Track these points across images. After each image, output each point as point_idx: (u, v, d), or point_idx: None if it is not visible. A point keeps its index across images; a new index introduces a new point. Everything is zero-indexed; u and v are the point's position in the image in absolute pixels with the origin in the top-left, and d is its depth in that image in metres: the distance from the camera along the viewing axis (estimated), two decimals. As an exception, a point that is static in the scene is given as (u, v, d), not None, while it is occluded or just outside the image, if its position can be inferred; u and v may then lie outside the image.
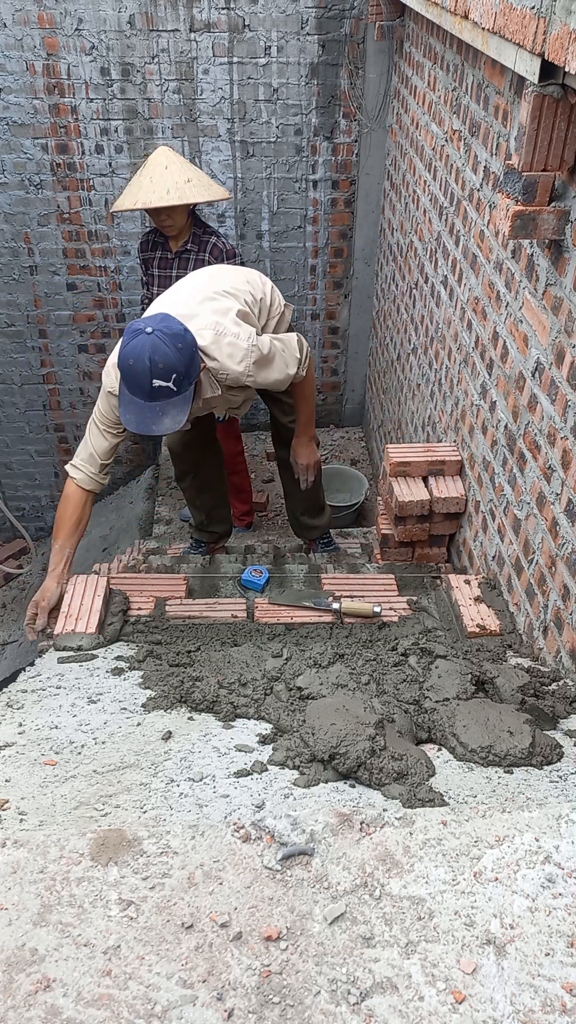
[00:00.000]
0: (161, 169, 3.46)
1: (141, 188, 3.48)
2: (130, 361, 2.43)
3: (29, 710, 2.06)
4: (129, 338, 2.46)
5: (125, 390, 2.50)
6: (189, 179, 3.47)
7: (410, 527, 3.18)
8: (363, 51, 4.53)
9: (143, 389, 2.45)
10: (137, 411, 2.50)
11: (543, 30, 1.74)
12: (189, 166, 3.58)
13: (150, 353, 2.41)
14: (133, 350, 2.43)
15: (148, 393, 2.45)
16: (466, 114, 3.02)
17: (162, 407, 2.49)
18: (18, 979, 1.04)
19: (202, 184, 3.52)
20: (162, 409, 2.49)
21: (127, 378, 2.46)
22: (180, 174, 3.46)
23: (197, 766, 1.73)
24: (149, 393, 2.45)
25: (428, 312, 3.76)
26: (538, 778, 1.67)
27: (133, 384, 2.46)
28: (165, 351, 2.42)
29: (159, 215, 3.51)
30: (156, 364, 2.41)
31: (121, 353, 2.47)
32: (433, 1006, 1.01)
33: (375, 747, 1.67)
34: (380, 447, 4.90)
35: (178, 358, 2.45)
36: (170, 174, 3.44)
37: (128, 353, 2.44)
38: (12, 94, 4.52)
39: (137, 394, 2.47)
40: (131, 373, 2.44)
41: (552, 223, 2.02)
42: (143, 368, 2.41)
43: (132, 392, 2.48)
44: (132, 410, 2.51)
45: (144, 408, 2.49)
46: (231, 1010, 1.00)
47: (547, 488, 2.25)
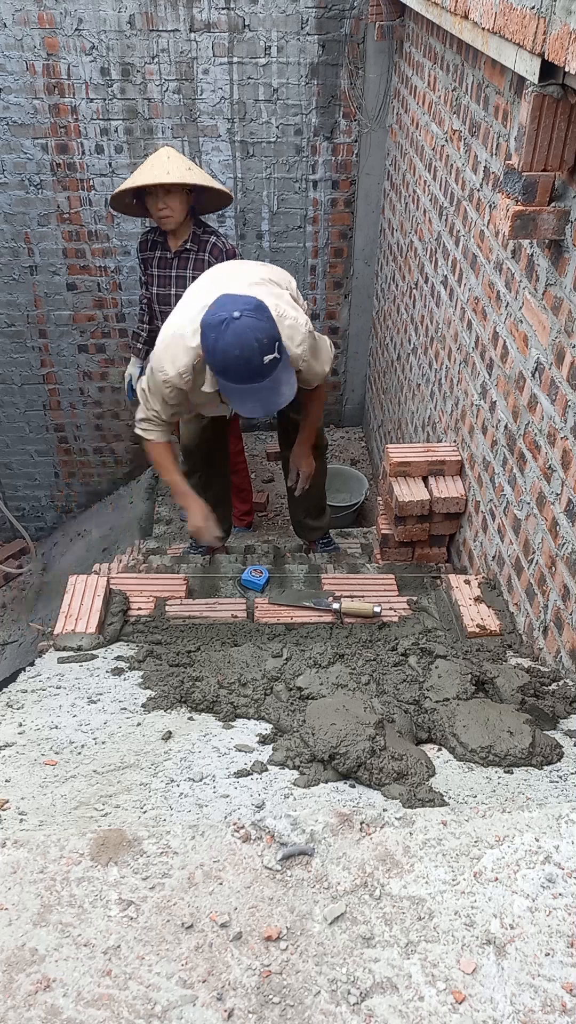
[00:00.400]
0: (163, 159, 3.48)
1: (140, 174, 3.49)
2: (235, 352, 2.36)
3: (29, 710, 2.06)
4: (218, 331, 2.38)
5: (234, 384, 2.44)
6: (190, 168, 3.49)
7: (410, 527, 3.18)
8: (363, 51, 4.53)
9: (256, 371, 2.39)
10: (255, 395, 2.46)
11: (543, 30, 1.74)
12: (191, 162, 3.60)
13: (254, 334, 2.35)
14: (236, 339, 2.35)
15: (262, 372, 2.40)
16: (466, 114, 3.02)
17: (275, 379, 2.45)
18: (18, 979, 1.04)
19: (203, 175, 3.53)
20: (275, 380, 2.46)
21: (237, 369, 2.39)
22: (182, 163, 3.48)
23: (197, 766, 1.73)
24: (262, 371, 2.40)
25: (428, 312, 3.76)
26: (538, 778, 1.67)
27: (245, 371, 2.39)
28: (262, 325, 2.38)
29: (157, 204, 3.50)
30: (262, 341, 2.37)
31: (219, 349, 2.38)
32: (433, 1006, 1.01)
33: (375, 747, 1.67)
34: (380, 447, 4.90)
35: (271, 326, 2.42)
36: (171, 162, 3.46)
37: (230, 344, 2.36)
38: (12, 94, 4.52)
39: (250, 380, 2.41)
40: (240, 362, 2.37)
41: (552, 223, 2.02)
42: (252, 351, 2.36)
43: (244, 381, 2.42)
44: (250, 398, 2.47)
45: (261, 390, 2.44)
46: (231, 1010, 1.00)
47: (547, 488, 2.25)
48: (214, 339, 2.39)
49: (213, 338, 2.40)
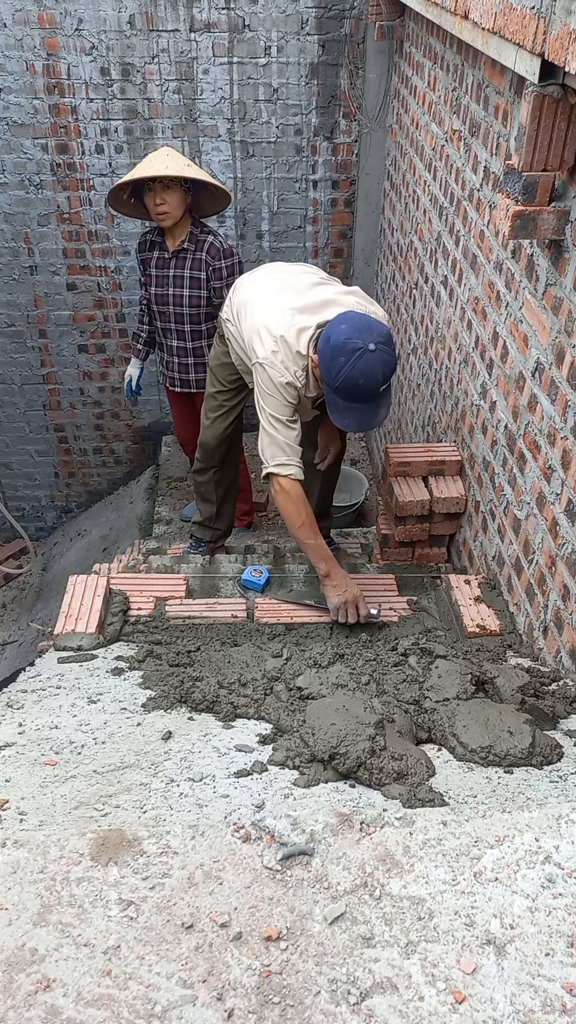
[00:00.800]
0: (163, 156, 3.49)
1: (139, 168, 3.49)
2: (360, 381, 2.41)
3: (29, 710, 2.06)
4: (350, 358, 2.40)
5: (341, 400, 2.48)
6: (189, 164, 3.50)
7: (410, 527, 3.18)
8: (363, 51, 4.53)
9: (371, 397, 2.46)
10: (357, 414, 2.51)
11: (543, 30, 1.74)
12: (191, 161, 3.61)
13: (382, 369, 2.42)
14: (366, 369, 2.40)
15: (375, 398, 2.47)
16: (466, 114, 3.02)
17: (378, 402, 2.51)
18: (18, 979, 1.04)
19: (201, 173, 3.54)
20: (378, 403, 2.51)
21: (353, 393, 2.45)
22: (180, 160, 3.49)
23: (197, 766, 1.73)
24: (376, 398, 2.47)
25: (428, 312, 3.76)
26: (538, 778, 1.67)
27: (359, 396, 2.45)
28: (389, 360, 2.44)
29: (155, 199, 3.50)
30: (387, 375, 2.44)
31: (346, 373, 2.41)
32: (433, 1006, 1.01)
33: (375, 747, 1.67)
34: (380, 447, 4.90)
35: (395, 360, 2.48)
36: (170, 159, 3.46)
37: (358, 373, 2.40)
38: (12, 94, 4.52)
39: (360, 401, 2.47)
40: (361, 390, 2.43)
41: (552, 223, 2.02)
42: (375, 383, 2.42)
43: (354, 401, 2.47)
44: (351, 415, 2.51)
45: (365, 409, 2.50)
46: (231, 1010, 1.00)
47: (547, 488, 2.25)
48: (343, 363, 2.41)
49: (342, 362, 2.42)
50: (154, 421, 5.79)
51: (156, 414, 5.75)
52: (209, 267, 3.64)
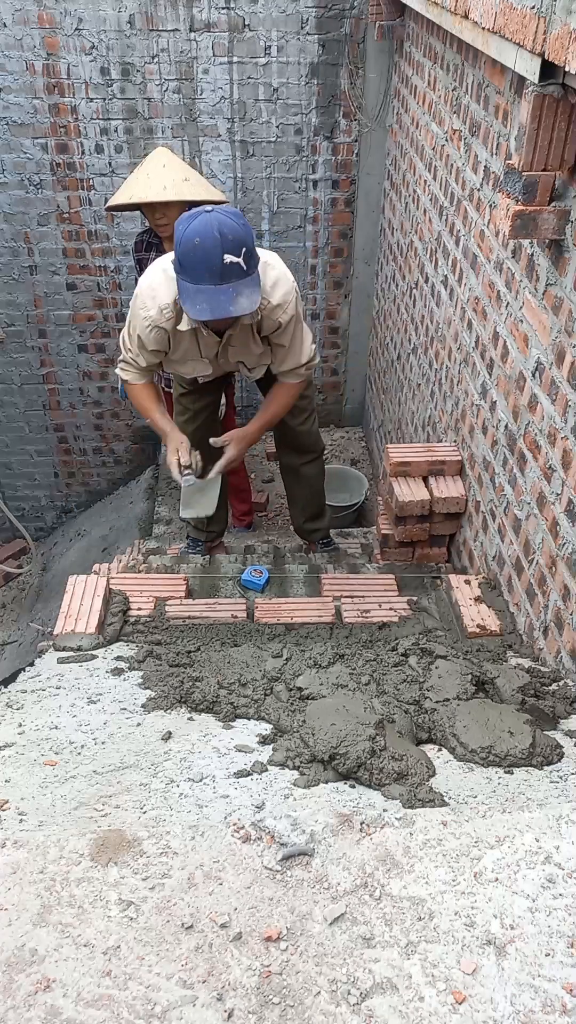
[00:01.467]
0: (159, 167, 3.46)
1: (138, 184, 3.47)
2: (196, 240, 2.28)
3: (29, 710, 2.06)
4: (187, 222, 2.32)
5: (190, 282, 2.35)
6: (187, 178, 3.47)
7: (410, 527, 3.18)
8: (363, 51, 4.53)
9: (213, 269, 2.29)
10: (208, 298, 2.34)
11: (543, 30, 1.74)
12: (187, 166, 3.58)
13: (218, 226, 2.27)
14: (199, 227, 2.28)
15: (219, 273, 2.29)
16: (466, 114, 3.01)
17: (235, 288, 2.32)
18: (18, 979, 1.04)
19: (200, 184, 3.52)
20: (235, 290, 2.33)
21: (193, 262, 2.31)
22: (178, 173, 3.46)
23: (197, 766, 1.73)
24: (220, 273, 2.29)
25: (428, 312, 3.76)
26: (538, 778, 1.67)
27: (201, 266, 2.30)
28: (232, 225, 2.30)
29: (154, 214, 3.50)
30: (226, 237, 2.27)
31: (184, 237, 2.31)
32: (433, 1006, 1.01)
33: (375, 747, 1.67)
34: (380, 447, 4.89)
35: (245, 232, 2.33)
36: (168, 172, 3.44)
37: (193, 232, 2.29)
38: (12, 94, 4.51)
39: (205, 279, 2.31)
40: (198, 252, 2.28)
41: (552, 223, 2.02)
42: (213, 243, 2.26)
43: (199, 279, 2.32)
44: (202, 299, 2.34)
45: (216, 292, 2.32)
46: (231, 1010, 1.00)
47: (547, 488, 2.25)
48: (181, 230, 2.33)
49: (181, 230, 2.34)
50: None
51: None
52: None
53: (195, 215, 2.35)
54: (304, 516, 3.81)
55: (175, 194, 3.39)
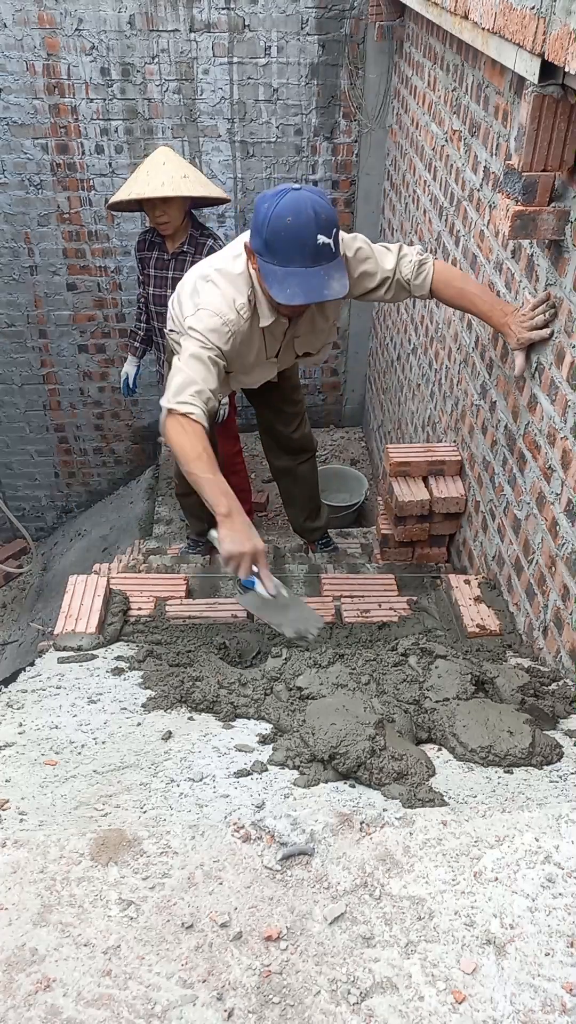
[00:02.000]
0: (158, 165, 3.46)
1: (137, 182, 3.48)
2: (288, 219, 2.12)
3: (29, 710, 2.06)
4: (274, 200, 2.16)
5: (276, 265, 2.18)
6: (186, 175, 3.46)
7: (410, 527, 3.18)
8: (363, 51, 4.53)
9: (306, 250, 2.15)
10: (300, 281, 2.17)
11: (543, 30, 1.74)
12: (187, 164, 3.58)
13: (311, 205, 2.13)
14: (291, 205, 2.13)
15: (312, 255, 2.15)
16: (466, 114, 3.02)
17: (326, 271, 2.18)
18: (18, 979, 1.04)
19: (199, 181, 3.51)
20: (326, 272, 2.18)
21: (286, 242, 2.15)
22: (177, 170, 3.46)
23: (197, 766, 1.73)
24: (313, 254, 2.15)
25: (428, 312, 3.76)
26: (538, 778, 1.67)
27: (293, 247, 2.14)
28: (323, 204, 2.16)
29: (155, 211, 3.50)
30: (320, 216, 2.13)
31: (273, 214, 2.15)
32: (433, 1006, 1.01)
33: (375, 747, 1.67)
34: (380, 447, 4.90)
35: (334, 212, 2.20)
36: (167, 169, 3.44)
37: (284, 210, 2.13)
38: (12, 94, 4.52)
39: (297, 261, 2.16)
40: (291, 232, 2.13)
41: (552, 223, 2.02)
42: (307, 221, 2.11)
43: (289, 261, 2.16)
44: (293, 282, 2.17)
45: (308, 275, 2.17)
46: (231, 1010, 1.00)
47: (547, 488, 2.25)
48: (266, 208, 2.16)
49: (265, 208, 2.17)
50: (154, 421, 5.79)
51: (156, 414, 5.74)
52: None
53: (282, 192, 2.17)
54: (304, 515, 3.81)
55: (172, 190, 3.39)
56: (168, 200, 3.45)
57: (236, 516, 2.21)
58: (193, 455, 2.23)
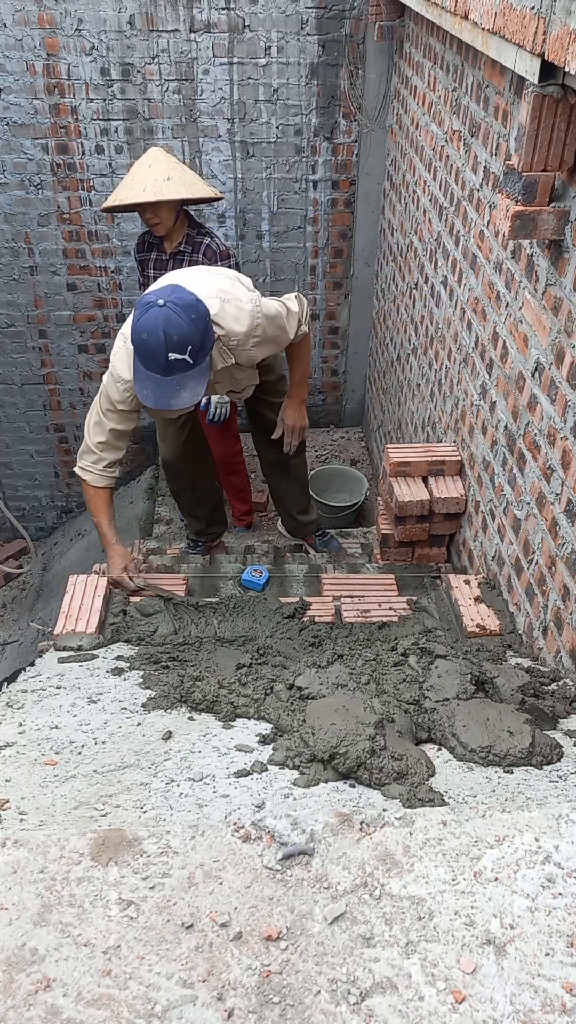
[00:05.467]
0: (144, 168, 3.46)
1: (124, 186, 3.49)
2: (143, 335, 2.37)
3: (29, 710, 2.06)
4: (141, 312, 2.40)
5: (140, 365, 2.44)
6: (169, 177, 3.45)
7: (410, 527, 3.18)
8: (363, 51, 4.53)
9: (159, 363, 2.38)
10: (154, 386, 2.43)
11: (543, 30, 1.74)
12: (175, 165, 3.55)
13: (164, 326, 2.34)
14: (146, 324, 2.37)
15: (164, 367, 2.39)
16: (466, 114, 3.02)
17: (179, 381, 2.42)
18: (18, 979, 1.04)
19: (184, 183, 3.49)
20: (179, 383, 2.42)
21: (142, 353, 2.40)
22: (161, 172, 3.45)
23: (197, 766, 1.73)
24: (165, 367, 2.39)
25: (428, 312, 3.76)
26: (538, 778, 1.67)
27: (148, 359, 2.39)
28: (179, 323, 2.36)
29: (145, 213, 3.51)
30: (171, 337, 2.35)
31: (134, 328, 2.41)
32: (433, 1006, 1.01)
33: (375, 747, 1.67)
34: (380, 447, 4.90)
35: (192, 329, 2.39)
36: (152, 172, 3.44)
37: (141, 327, 2.38)
38: (12, 94, 4.52)
39: (153, 369, 2.40)
40: (146, 347, 2.38)
41: (552, 223, 2.02)
42: (158, 342, 2.35)
43: (147, 367, 2.41)
44: (149, 385, 2.44)
45: (161, 383, 2.42)
46: (231, 1010, 1.00)
47: (547, 488, 2.25)
48: (136, 317, 2.42)
49: (136, 316, 2.42)
50: (154, 421, 5.79)
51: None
52: None
53: (148, 306, 2.40)
54: (296, 509, 3.81)
55: (154, 194, 3.39)
56: (156, 203, 3.45)
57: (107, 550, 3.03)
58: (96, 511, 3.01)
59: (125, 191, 3.45)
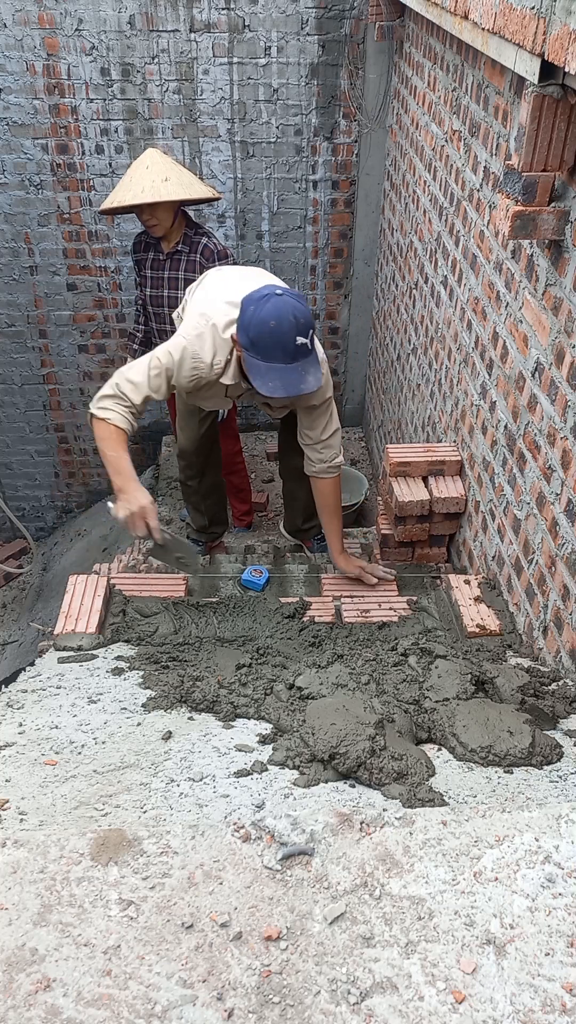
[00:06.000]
0: (142, 169, 3.46)
1: (122, 188, 3.49)
2: (272, 323, 2.37)
3: (29, 710, 2.06)
4: (260, 304, 2.40)
5: (260, 360, 2.43)
6: (167, 178, 3.45)
7: (410, 527, 3.18)
8: (363, 51, 4.53)
9: (287, 350, 2.39)
10: (280, 375, 2.43)
11: (543, 30, 1.74)
12: (172, 166, 3.56)
13: (292, 311, 2.37)
14: (274, 311, 2.37)
15: (292, 353, 2.40)
16: (466, 114, 3.02)
17: (303, 366, 2.44)
18: (18, 979, 1.04)
19: (181, 183, 3.49)
20: (303, 368, 2.44)
21: (269, 343, 2.39)
22: (159, 173, 3.45)
23: (197, 766, 1.73)
24: (293, 353, 2.40)
25: (428, 312, 3.76)
26: (538, 778, 1.67)
27: (276, 347, 2.39)
28: (301, 308, 2.41)
29: (142, 215, 3.51)
30: (299, 321, 2.38)
31: (258, 317, 2.39)
32: (433, 1006, 1.01)
33: (375, 747, 1.67)
34: (380, 447, 4.90)
35: (310, 314, 2.45)
36: (149, 173, 3.44)
37: (268, 315, 2.37)
38: (12, 94, 4.52)
39: (278, 358, 2.40)
40: (274, 335, 2.37)
41: (552, 223, 2.02)
42: (289, 326, 2.36)
43: (271, 358, 2.41)
44: (273, 376, 2.43)
45: (287, 371, 2.42)
46: (231, 1010, 1.00)
47: (547, 488, 2.25)
48: (252, 311, 2.41)
49: (252, 310, 2.41)
50: (154, 421, 5.79)
51: (156, 414, 5.75)
52: (203, 269, 3.64)
53: (266, 297, 2.41)
54: (303, 516, 3.82)
55: (151, 196, 3.39)
56: (153, 204, 3.45)
57: (127, 485, 2.56)
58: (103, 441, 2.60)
59: (123, 192, 3.46)
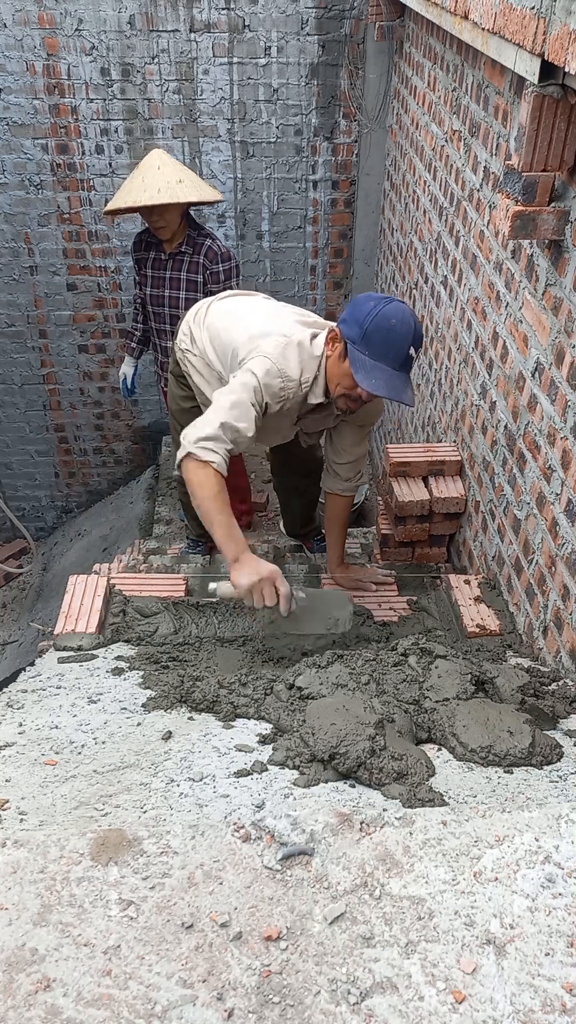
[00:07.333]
0: (154, 170, 3.46)
1: (133, 188, 3.48)
2: (392, 321, 2.29)
3: (29, 710, 2.06)
4: (381, 302, 2.32)
5: (367, 356, 2.31)
6: (181, 179, 3.46)
7: (410, 527, 3.18)
8: (363, 51, 4.53)
9: (398, 355, 2.31)
10: (385, 377, 2.33)
11: (543, 30, 1.74)
12: (182, 168, 3.57)
13: (413, 321, 2.32)
14: (396, 312, 2.30)
15: (402, 360, 2.32)
16: (466, 114, 3.02)
17: (405, 378, 2.36)
18: (18, 979, 1.04)
19: (194, 184, 3.51)
20: (405, 380, 2.36)
21: (384, 340, 2.29)
22: (172, 175, 3.46)
23: (197, 766, 1.73)
24: (403, 360, 2.32)
25: (428, 312, 3.76)
26: (538, 778, 1.67)
27: (388, 348, 2.30)
28: (419, 324, 2.35)
29: (151, 217, 3.51)
30: (418, 332, 2.33)
31: (379, 313, 2.29)
32: (433, 1006, 1.01)
33: (375, 747, 1.67)
34: (380, 447, 4.90)
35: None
36: (162, 174, 3.44)
37: (390, 313, 2.29)
38: (12, 94, 4.52)
39: (386, 360, 2.31)
40: (391, 335, 2.29)
41: (552, 223, 2.02)
42: (407, 331, 2.30)
43: (380, 357, 2.31)
44: (378, 375, 2.32)
45: (392, 375, 2.33)
46: (231, 1010, 1.00)
47: (547, 488, 2.25)
48: (372, 307, 2.31)
49: (371, 306, 2.31)
50: (154, 421, 5.79)
51: (156, 414, 5.75)
52: (206, 270, 3.64)
53: (389, 299, 2.35)
54: (300, 522, 3.83)
55: (169, 196, 3.39)
56: (165, 205, 3.45)
57: (244, 556, 2.29)
58: (210, 494, 2.29)
59: (136, 193, 3.44)
